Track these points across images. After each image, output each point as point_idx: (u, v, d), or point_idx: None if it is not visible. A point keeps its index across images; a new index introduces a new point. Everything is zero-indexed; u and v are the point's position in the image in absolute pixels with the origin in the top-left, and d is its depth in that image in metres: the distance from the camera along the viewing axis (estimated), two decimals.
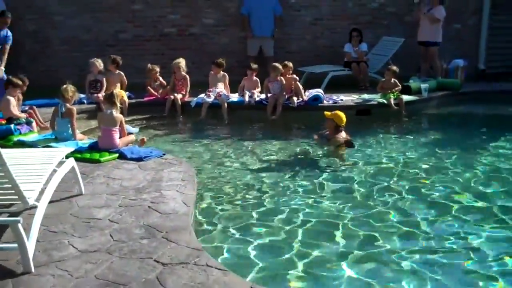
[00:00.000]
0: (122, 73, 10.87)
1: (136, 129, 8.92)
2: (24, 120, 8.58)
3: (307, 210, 5.99)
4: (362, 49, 12.78)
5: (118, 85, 10.76)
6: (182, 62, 11.03)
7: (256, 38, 13.19)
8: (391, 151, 8.50)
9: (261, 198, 6.39)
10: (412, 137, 9.36)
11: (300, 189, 6.66)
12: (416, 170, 7.44)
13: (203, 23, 13.53)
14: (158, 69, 11.18)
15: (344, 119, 8.33)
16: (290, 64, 10.72)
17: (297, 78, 10.83)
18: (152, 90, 11.06)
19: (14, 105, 8.62)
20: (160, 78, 11.20)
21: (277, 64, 10.70)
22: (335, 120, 8.32)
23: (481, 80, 13.47)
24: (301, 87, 10.64)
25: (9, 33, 10.05)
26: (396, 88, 10.86)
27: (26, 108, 9.03)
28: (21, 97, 9.03)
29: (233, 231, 5.44)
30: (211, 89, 10.83)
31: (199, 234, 5.20)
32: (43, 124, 8.87)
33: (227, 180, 7.05)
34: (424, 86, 11.51)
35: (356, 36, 12.85)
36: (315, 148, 8.57)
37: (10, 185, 4.15)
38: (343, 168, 7.62)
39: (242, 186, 6.82)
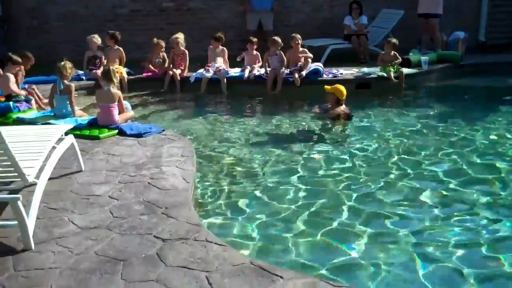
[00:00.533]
0: (121, 48, 10.83)
1: (128, 105, 8.85)
2: (23, 98, 8.54)
3: (307, 185, 5.99)
4: (362, 22, 12.69)
5: (117, 61, 10.73)
6: (180, 37, 10.97)
7: (255, 12, 13.09)
8: (391, 124, 8.47)
9: (261, 173, 6.40)
10: (412, 110, 9.34)
11: (300, 164, 6.67)
12: (416, 143, 7.43)
13: None
14: (163, 44, 11.12)
15: (345, 92, 8.35)
16: (298, 36, 10.62)
17: (311, 56, 10.72)
18: (151, 67, 11.02)
19: (13, 81, 8.57)
20: (164, 54, 11.14)
21: (276, 38, 10.66)
22: (336, 94, 8.34)
23: (482, 52, 13.40)
24: (310, 64, 10.60)
25: None
26: (396, 61, 10.81)
27: (26, 86, 8.99)
28: (24, 73, 9.00)
29: (233, 207, 5.46)
30: (210, 64, 10.79)
31: (199, 210, 5.22)
32: (44, 101, 8.82)
33: (227, 155, 7.05)
34: (424, 58, 11.46)
35: (356, 8, 12.75)
36: (315, 122, 8.57)
37: (9, 163, 4.15)
38: (343, 141, 7.61)
39: (242, 161, 6.82)
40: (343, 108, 8.42)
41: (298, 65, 10.48)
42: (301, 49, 10.64)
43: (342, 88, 8.40)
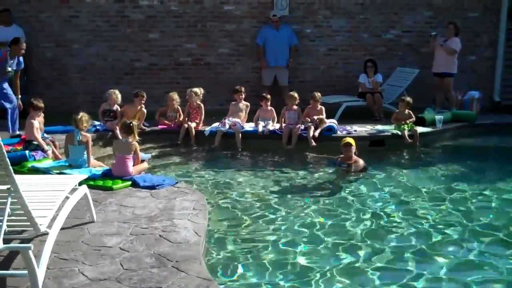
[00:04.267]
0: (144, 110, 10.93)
1: (148, 155, 8.90)
2: (42, 148, 8.57)
3: (317, 240, 5.97)
4: (377, 80, 12.75)
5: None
6: (197, 91, 11.08)
7: (270, 68, 13.24)
8: (403, 182, 8.42)
9: (274, 227, 6.37)
10: (425, 169, 9.29)
11: (312, 219, 6.64)
12: (427, 203, 7.38)
13: (218, 52, 13.62)
14: (177, 97, 11.18)
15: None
16: (317, 94, 10.79)
17: (323, 117, 10.75)
18: (164, 120, 11.11)
19: (37, 127, 8.64)
20: (179, 107, 11.23)
21: (293, 93, 10.77)
22: (354, 146, 8.68)
23: (496, 112, 13.40)
24: (324, 122, 10.65)
25: (21, 59, 10.01)
26: (410, 120, 10.83)
27: (50, 138, 9.04)
28: (42, 121, 9.08)
29: (244, 261, 5.42)
30: (227, 118, 10.86)
31: (210, 264, 5.18)
32: (60, 158, 8.80)
33: (239, 209, 7.02)
34: (438, 117, 11.46)
35: (371, 66, 12.84)
36: (327, 177, 8.62)
37: (22, 212, 4.16)
38: (356, 198, 7.55)
39: (254, 215, 6.79)
40: (361, 161, 8.76)
41: (314, 122, 10.54)
42: (319, 107, 10.71)
43: (349, 139, 8.86)
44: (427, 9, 13.85)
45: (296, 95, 10.72)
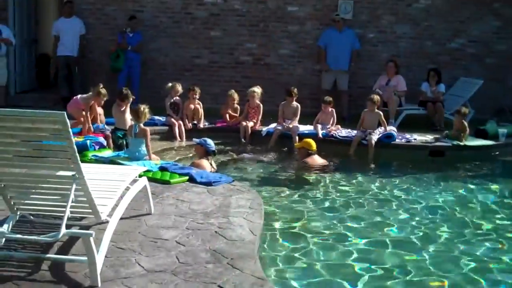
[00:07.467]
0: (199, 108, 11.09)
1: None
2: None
3: (366, 240, 5.96)
4: (439, 89, 12.45)
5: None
6: (257, 90, 11.07)
7: (331, 71, 13.11)
8: (458, 194, 8.25)
9: (327, 228, 6.36)
10: (483, 184, 8.97)
11: (361, 220, 6.62)
12: (480, 215, 7.26)
13: (279, 53, 13.60)
14: (237, 96, 11.29)
15: (314, 144, 9.23)
16: (376, 97, 10.58)
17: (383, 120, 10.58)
18: (227, 118, 11.18)
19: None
20: (237, 106, 11.29)
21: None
22: (305, 147, 9.21)
23: None
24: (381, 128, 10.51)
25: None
26: (465, 132, 10.51)
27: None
28: (102, 112, 9.28)
29: (298, 262, 5.39)
30: (284, 120, 10.84)
31: (264, 263, 5.15)
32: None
33: (294, 210, 6.99)
34: (502, 130, 11.10)
35: (433, 76, 12.56)
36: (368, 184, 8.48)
37: (85, 199, 4.22)
38: (410, 207, 7.43)
39: (309, 217, 6.76)
40: (320, 159, 9.26)
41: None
42: (376, 111, 10.51)
43: (310, 141, 9.33)
44: (495, 19, 13.50)
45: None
